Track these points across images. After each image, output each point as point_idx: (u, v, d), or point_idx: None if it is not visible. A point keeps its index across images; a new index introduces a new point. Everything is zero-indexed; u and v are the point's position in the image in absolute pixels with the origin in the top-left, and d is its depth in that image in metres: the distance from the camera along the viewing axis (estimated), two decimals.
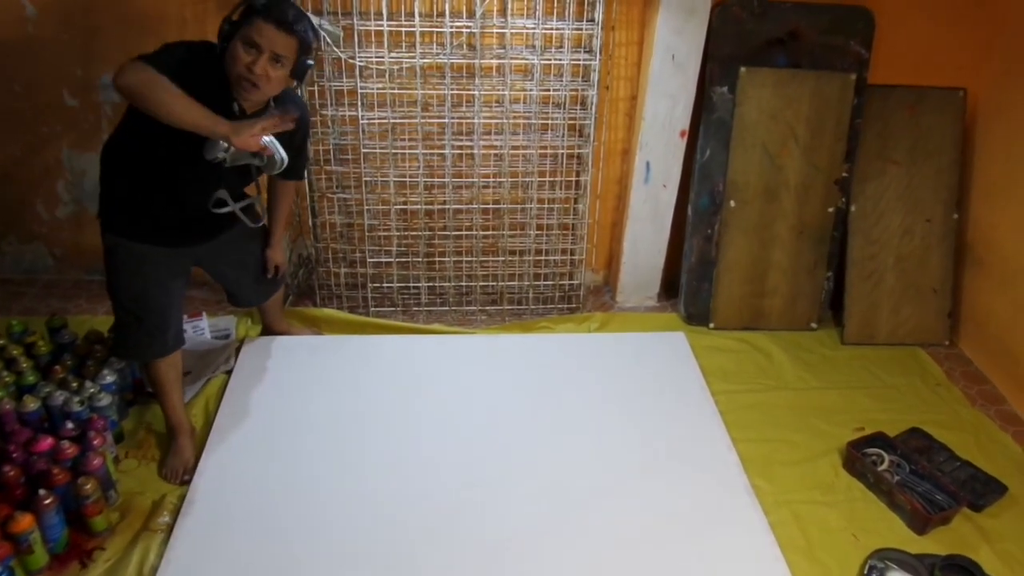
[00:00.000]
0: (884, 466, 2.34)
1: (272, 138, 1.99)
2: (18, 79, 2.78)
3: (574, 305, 3.20)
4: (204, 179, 2.06)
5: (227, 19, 1.90)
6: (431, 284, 3.13)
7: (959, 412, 2.68)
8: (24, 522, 1.86)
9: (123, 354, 2.32)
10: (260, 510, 2.12)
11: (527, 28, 2.70)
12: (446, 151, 2.85)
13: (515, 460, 2.34)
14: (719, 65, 2.80)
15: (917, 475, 2.32)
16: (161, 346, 2.21)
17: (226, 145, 1.92)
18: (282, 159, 2.02)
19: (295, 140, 2.16)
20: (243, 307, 2.76)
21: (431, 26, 2.67)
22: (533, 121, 2.84)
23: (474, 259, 3.08)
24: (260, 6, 1.86)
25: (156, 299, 2.17)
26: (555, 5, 2.67)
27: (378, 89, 2.72)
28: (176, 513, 2.10)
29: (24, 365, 2.39)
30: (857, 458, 2.35)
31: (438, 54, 2.69)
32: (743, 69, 2.79)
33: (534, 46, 2.73)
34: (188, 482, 2.20)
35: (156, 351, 2.21)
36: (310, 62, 1.99)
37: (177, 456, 2.27)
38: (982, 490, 2.31)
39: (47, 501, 1.93)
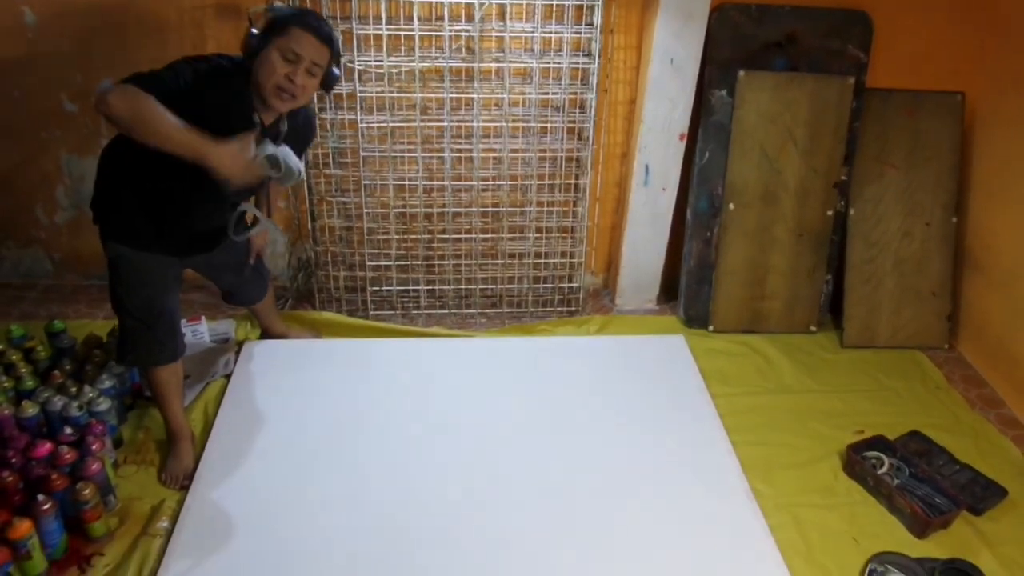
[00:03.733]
0: (884, 469, 2.34)
1: (287, 149, 1.95)
2: (17, 85, 2.79)
3: (573, 308, 3.20)
4: (214, 194, 2.00)
5: (254, 33, 1.88)
6: (430, 287, 3.13)
7: (959, 415, 2.68)
8: (22, 528, 1.85)
9: (134, 362, 2.28)
10: (259, 514, 2.12)
11: (526, 32, 2.70)
12: (445, 154, 2.85)
13: (514, 463, 2.33)
14: (718, 69, 2.81)
15: (917, 479, 2.32)
16: (172, 350, 2.22)
17: (254, 156, 1.87)
18: (299, 171, 1.97)
19: (301, 152, 2.16)
20: (243, 305, 2.74)
21: (430, 30, 2.67)
22: (532, 124, 2.84)
23: (473, 262, 3.08)
24: (296, 16, 1.88)
25: (164, 304, 2.16)
26: (554, 9, 2.68)
27: (377, 93, 2.73)
28: (175, 518, 2.10)
29: (23, 370, 2.39)
30: (857, 461, 2.35)
31: (437, 58, 2.70)
32: (741, 73, 2.80)
33: (533, 50, 2.74)
34: (187, 487, 2.20)
35: (168, 356, 2.21)
36: (338, 72, 2.01)
37: (177, 461, 2.26)
38: (982, 494, 2.30)
39: (45, 507, 1.92)
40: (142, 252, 2.07)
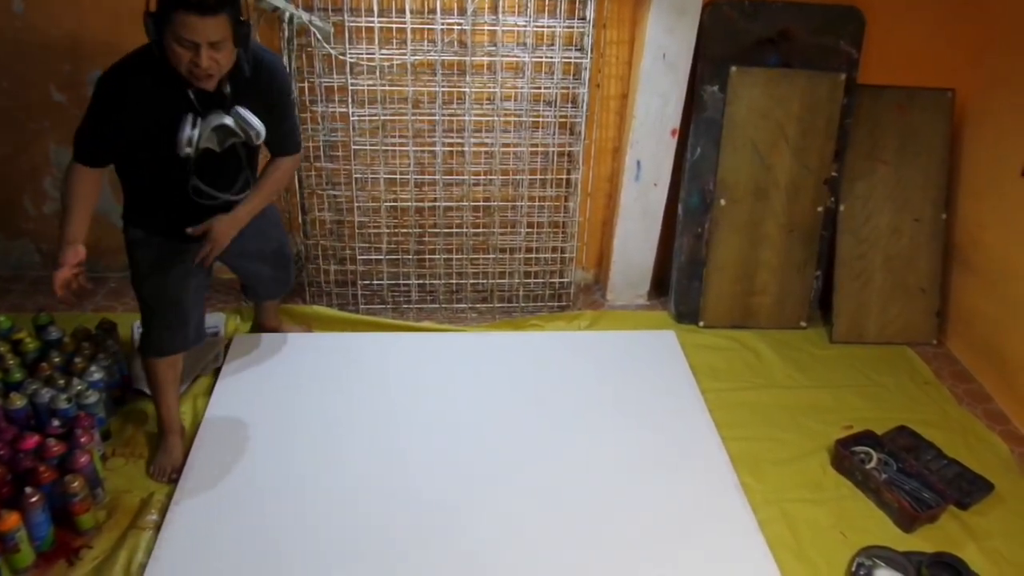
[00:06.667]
0: (872, 464, 2.35)
1: (240, 110, 1.93)
2: (5, 75, 2.76)
3: (564, 303, 3.20)
4: (187, 169, 1.98)
5: (147, 12, 1.73)
6: (421, 281, 3.13)
7: (947, 411, 2.70)
8: (10, 520, 1.84)
9: (146, 349, 2.23)
10: (248, 508, 2.12)
11: (518, 26, 2.70)
12: (437, 148, 2.84)
13: (504, 457, 2.34)
14: (710, 64, 2.81)
15: (905, 473, 2.33)
16: (183, 340, 2.21)
17: (189, 137, 1.87)
18: (260, 129, 1.94)
19: (274, 107, 2.03)
20: (261, 300, 2.73)
21: (422, 23, 2.66)
22: (524, 119, 2.84)
23: (464, 257, 3.07)
24: None
25: (173, 292, 2.15)
26: (546, 3, 2.67)
27: (368, 86, 2.72)
28: (164, 511, 2.09)
29: (10, 362, 2.37)
30: (845, 456, 2.36)
31: (429, 51, 2.69)
32: (734, 68, 2.80)
33: (525, 44, 2.73)
34: (176, 480, 2.19)
35: (178, 345, 2.21)
36: (247, 22, 1.82)
37: (166, 454, 2.26)
38: (969, 488, 2.32)
39: (33, 499, 1.91)
40: (153, 235, 2.09)
